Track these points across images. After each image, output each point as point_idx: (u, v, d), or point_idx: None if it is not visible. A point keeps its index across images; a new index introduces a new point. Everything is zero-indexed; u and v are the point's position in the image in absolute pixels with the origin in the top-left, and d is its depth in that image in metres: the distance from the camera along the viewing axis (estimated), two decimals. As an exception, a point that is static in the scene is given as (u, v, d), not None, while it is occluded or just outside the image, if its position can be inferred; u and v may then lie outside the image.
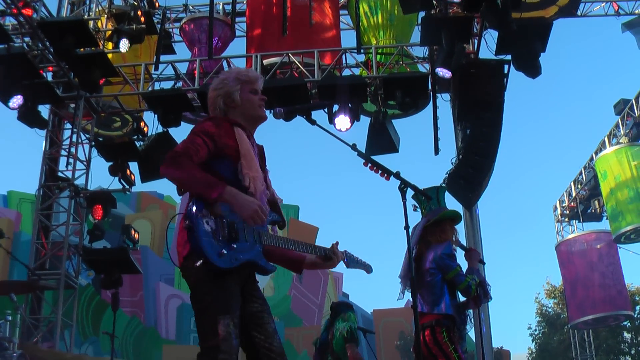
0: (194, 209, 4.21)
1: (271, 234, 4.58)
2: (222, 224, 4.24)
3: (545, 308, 37.57)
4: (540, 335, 37.12)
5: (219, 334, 4.11)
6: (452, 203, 13.85)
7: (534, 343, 37.47)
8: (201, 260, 4.13)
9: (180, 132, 15.06)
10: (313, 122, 4.87)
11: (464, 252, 7.61)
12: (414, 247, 7.29)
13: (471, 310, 7.58)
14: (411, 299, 6.51)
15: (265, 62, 14.76)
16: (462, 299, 7.38)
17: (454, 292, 7.16)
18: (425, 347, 6.57)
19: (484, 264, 8.64)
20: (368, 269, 5.20)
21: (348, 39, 16.07)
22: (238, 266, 4.26)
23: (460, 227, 11.15)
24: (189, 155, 4.26)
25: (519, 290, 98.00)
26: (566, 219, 29.84)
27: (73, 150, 15.26)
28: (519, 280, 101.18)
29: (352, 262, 5.08)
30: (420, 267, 7.16)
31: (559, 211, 30.10)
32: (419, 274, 7.10)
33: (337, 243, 4.93)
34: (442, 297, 7.04)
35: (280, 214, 4.75)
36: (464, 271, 7.36)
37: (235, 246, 4.26)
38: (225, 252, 4.19)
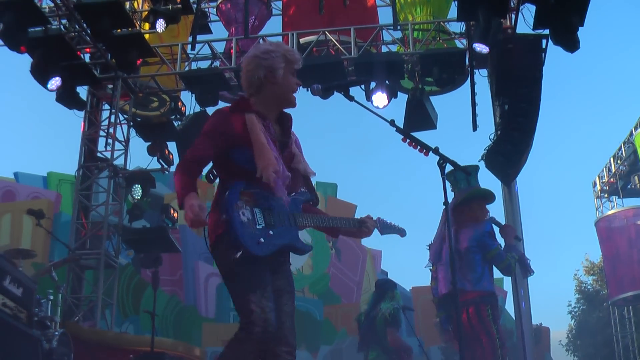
0: (229, 201, 4.35)
1: (306, 215, 4.67)
2: (258, 213, 4.37)
3: (584, 285, 37.37)
4: (580, 312, 36.93)
5: (252, 310, 4.23)
6: (490, 180, 13.79)
7: (573, 320, 37.32)
8: (240, 252, 4.25)
9: (218, 111, 15.06)
10: (351, 99, 4.86)
11: (499, 228, 7.61)
12: (444, 227, 7.31)
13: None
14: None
15: (302, 40, 14.73)
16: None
17: (492, 270, 7.17)
18: (468, 323, 6.57)
19: (519, 240, 8.62)
20: (402, 232, 5.31)
21: (384, 15, 15.99)
22: (276, 251, 4.40)
23: (499, 204, 11.11)
24: (195, 161, 4.50)
25: (558, 267, 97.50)
26: (605, 195, 29.59)
27: (111, 130, 15.35)
28: (558, 257, 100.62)
29: (386, 227, 5.18)
30: (456, 246, 7.16)
31: (598, 187, 29.85)
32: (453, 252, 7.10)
33: (369, 216, 5.05)
34: (483, 275, 7.06)
35: (312, 190, 4.84)
36: (504, 247, 7.37)
37: (272, 232, 4.37)
38: (263, 240, 4.31)
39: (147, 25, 14.87)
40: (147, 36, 14.47)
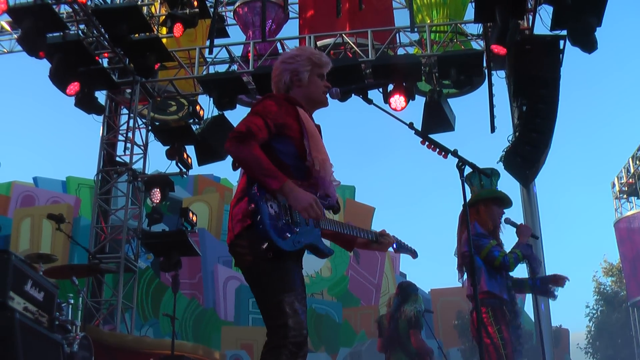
0: (258, 192, 4.24)
1: (328, 219, 4.60)
2: (285, 208, 4.28)
3: (603, 286, 37.25)
4: (598, 314, 36.82)
5: (285, 312, 4.13)
6: (508, 181, 13.78)
7: (592, 322, 37.21)
8: (267, 243, 4.15)
9: (236, 115, 15.14)
10: (370, 102, 4.85)
11: (515, 228, 7.59)
12: (460, 226, 7.35)
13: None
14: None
15: (319, 43, 14.75)
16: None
17: (493, 270, 7.14)
18: (473, 326, 6.60)
19: (537, 238, 8.60)
20: (414, 254, 5.26)
21: (401, 18, 16.00)
22: (300, 249, 4.34)
23: (518, 205, 11.08)
24: (254, 136, 4.26)
25: (576, 269, 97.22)
26: (624, 196, 29.54)
27: (130, 135, 15.42)
28: (577, 258, 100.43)
29: (400, 247, 5.14)
30: (461, 250, 7.20)
31: (617, 188, 29.80)
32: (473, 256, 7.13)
33: (384, 230, 5.00)
34: (480, 276, 7.03)
35: (336, 199, 4.75)
36: (513, 245, 7.35)
37: (297, 230, 4.30)
38: (289, 235, 4.24)
39: (164, 30, 14.93)
40: (164, 40, 14.53)
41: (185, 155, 15.20)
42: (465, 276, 7.45)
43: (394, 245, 5.07)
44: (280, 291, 4.20)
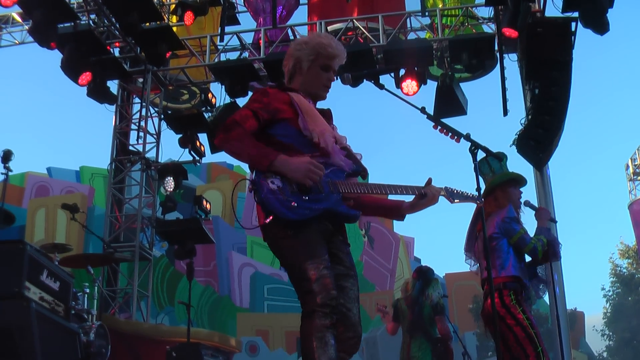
0: (256, 173, 4.20)
1: (350, 182, 4.44)
2: (290, 182, 4.17)
3: (619, 268, 37.15)
4: (615, 296, 36.73)
5: (310, 278, 4.05)
6: (522, 164, 13.73)
7: (608, 304, 37.14)
8: (270, 217, 4.11)
9: (248, 102, 15.12)
10: (381, 87, 4.84)
11: (534, 211, 7.59)
12: (475, 221, 7.34)
13: (543, 272, 7.56)
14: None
15: (329, 28, 14.73)
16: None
17: (521, 255, 7.15)
18: (486, 315, 6.59)
19: (555, 222, 8.61)
20: (475, 199, 4.80)
21: (412, 1, 15.95)
22: (314, 216, 4.21)
23: (532, 188, 11.07)
24: (239, 125, 4.24)
25: (592, 251, 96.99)
26: (638, 178, 29.42)
27: (143, 123, 15.45)
28: (592, 241, 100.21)
29: (455, 196, 4.71)
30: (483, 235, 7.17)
31: (631, 169, 29.70)
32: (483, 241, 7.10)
33: (431, 179, 4.63)
34: (508, 260, 7.04)
35: (360, 164, 4.62)
36: (535, 230, 7.36)
37: (307, 197, 4.19)
38: (296, 204, 4.13)
39: (175, 18, 14.93)
40: (175, 29, 14.54)
41: (198, 143, 15.21)
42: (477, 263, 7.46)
43: (447, 195, 4.66)
44: (301, 260, 4.12)
